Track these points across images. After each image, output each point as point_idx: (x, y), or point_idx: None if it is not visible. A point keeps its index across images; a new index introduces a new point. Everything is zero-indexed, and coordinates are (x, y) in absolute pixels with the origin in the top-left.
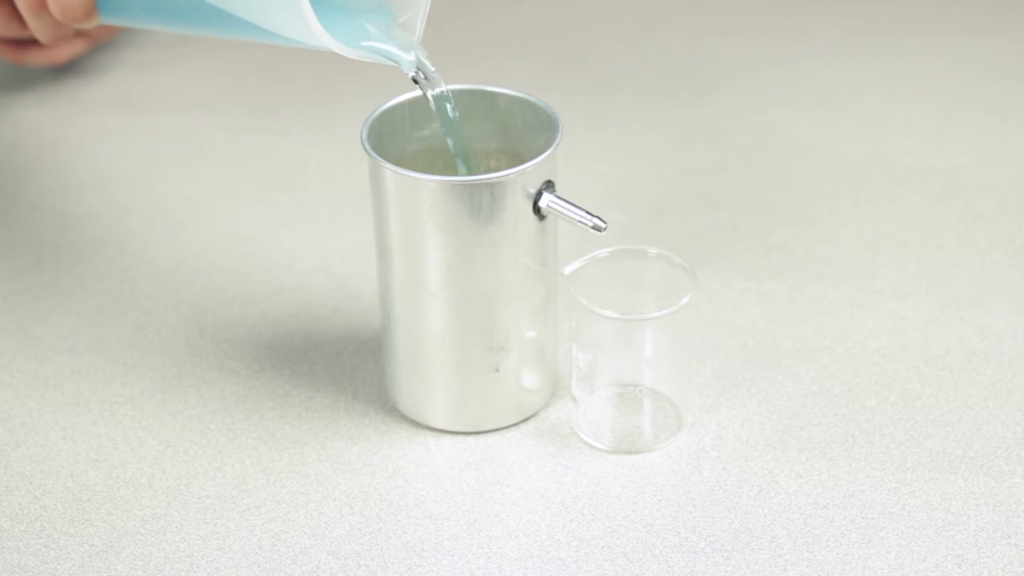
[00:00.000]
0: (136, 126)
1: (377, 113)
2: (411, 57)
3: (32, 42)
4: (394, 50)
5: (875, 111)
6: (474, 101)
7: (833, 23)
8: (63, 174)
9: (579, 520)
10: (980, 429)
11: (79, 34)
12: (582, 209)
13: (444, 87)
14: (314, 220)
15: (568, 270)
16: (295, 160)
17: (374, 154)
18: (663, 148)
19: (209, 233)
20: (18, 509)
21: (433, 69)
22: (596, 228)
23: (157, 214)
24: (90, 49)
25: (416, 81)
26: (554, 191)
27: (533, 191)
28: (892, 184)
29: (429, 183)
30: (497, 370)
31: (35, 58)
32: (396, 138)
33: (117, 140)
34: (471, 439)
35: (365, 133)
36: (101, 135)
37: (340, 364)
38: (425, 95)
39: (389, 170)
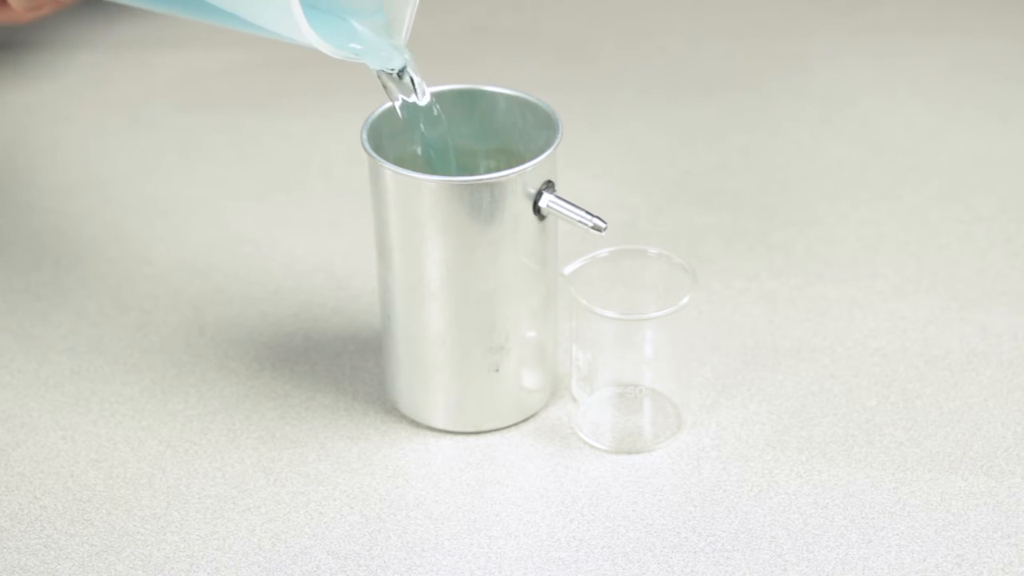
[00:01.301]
0: (136, 126)
1: (377, 113)
2: (398, 61)
3: None
4: (382, 52)
5: (875, 111)
6: (473, 101)
7: (833, 23)
8: (62, 174)
9: (579, 520)
10: (980, 429)
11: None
12: (582, 209)
13: (427, 94)
14: (314, 220)
15: (568, 270)
16: (295, 160)
17: (374, 154)
18: (663, 148)
19: (209, 233)
20: (18, 509)
21: (419, 78)
22: (596, 228)
23: (156, 214)
24: (55, 12)
25: (384, 84)
26: (554, 191)
27: (533, 191)
28: (892, 184)
29: (429, 183)
30: (497, 370)
31: None
32: (396, 138)
33: (117, 140)
34: (471, 439)
35: (365, 133)
36: (101, 135)
37: (340, 364)
38: (393, 101)
39: (389, 170)
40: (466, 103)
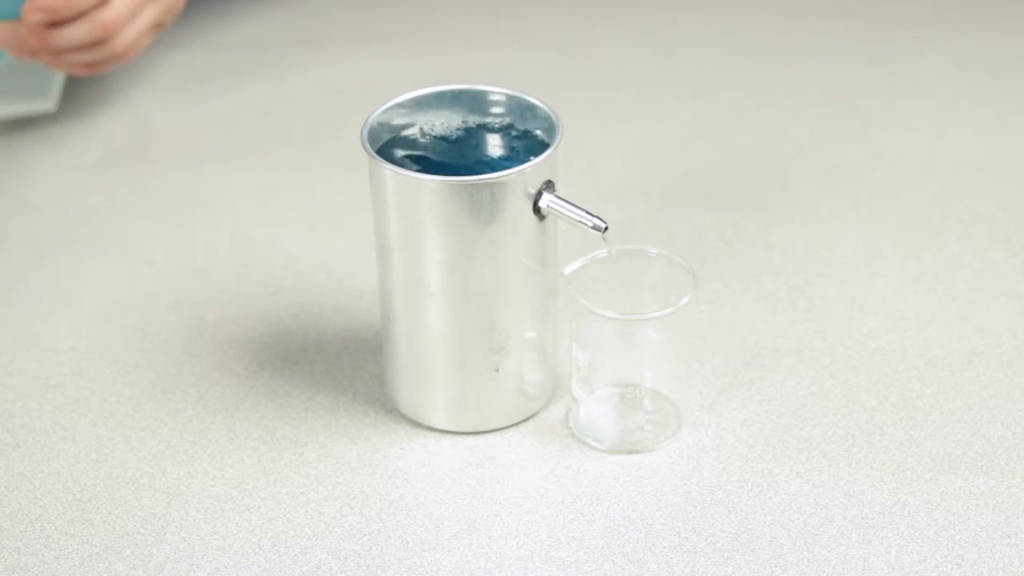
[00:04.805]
0: (136, 126)
1: (377, 113)
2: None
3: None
4: None
5: (875, 111)
6: (473, 101)
7: (833, 23)
8: (63, 174)
9: (579, 520)
10: (980, 429)
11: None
12: (582, 209)
13: None
14: (314, 220)
15: (568, 270)
16: (295, 160)
17: (374, 154)
18: (663, 148)
19: (209, 233)
20: (18, 509)
21: None
22: (596, 228)
23: (157, 214)
24: (158, 36)
25: None
26: (554, 191)
27: (533, 191)
28: (892, 184)
29: (429, 183)
30: (497, 370)
31: (110, 65)
32: (397, 138)
33: (117, 140)
34: (471, 439)
35: (365, 133)
36: (101, 135)
37: (340, 364)
38: None
39: (389, 170)
40: (466, 103)
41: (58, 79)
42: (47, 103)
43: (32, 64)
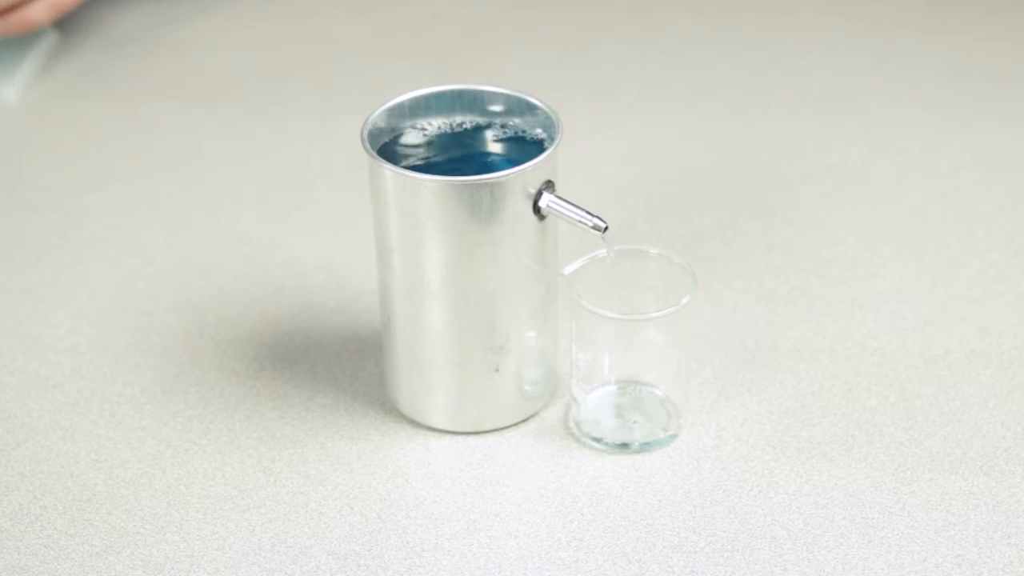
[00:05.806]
0: (136, 126)
1: (377, 113)
2: None
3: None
4: None
5: (875, 111)
6: (473, 101)
7: (833, 23)
8: (63, 174)
9: (579, 520)
10: (980, 429)
11: None
12: (582, 209)
13: None
14: (314, 220)
15: (568, 270)
16: (295, 160)
17: (374, 154)
18: (663, 148)
19: (209, 233)
20: (18, 509)
21: None
22: (596, 228)
23: (157, 214)
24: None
25: None
26: (554, 191)
27: (533, 191)
28: (892, 184)
29: (429, 183)
30: (497, 370)
31: (39, 11)
32: (397, 138)
33: (117, 140)
34: (471, 439)
35: (365, 133)
36: (101, 135)
37: (340, 364)
38: None
39: (389, 170)
40: (466, 103)
41: (23, 67)
42: (9, 91)
43: None
